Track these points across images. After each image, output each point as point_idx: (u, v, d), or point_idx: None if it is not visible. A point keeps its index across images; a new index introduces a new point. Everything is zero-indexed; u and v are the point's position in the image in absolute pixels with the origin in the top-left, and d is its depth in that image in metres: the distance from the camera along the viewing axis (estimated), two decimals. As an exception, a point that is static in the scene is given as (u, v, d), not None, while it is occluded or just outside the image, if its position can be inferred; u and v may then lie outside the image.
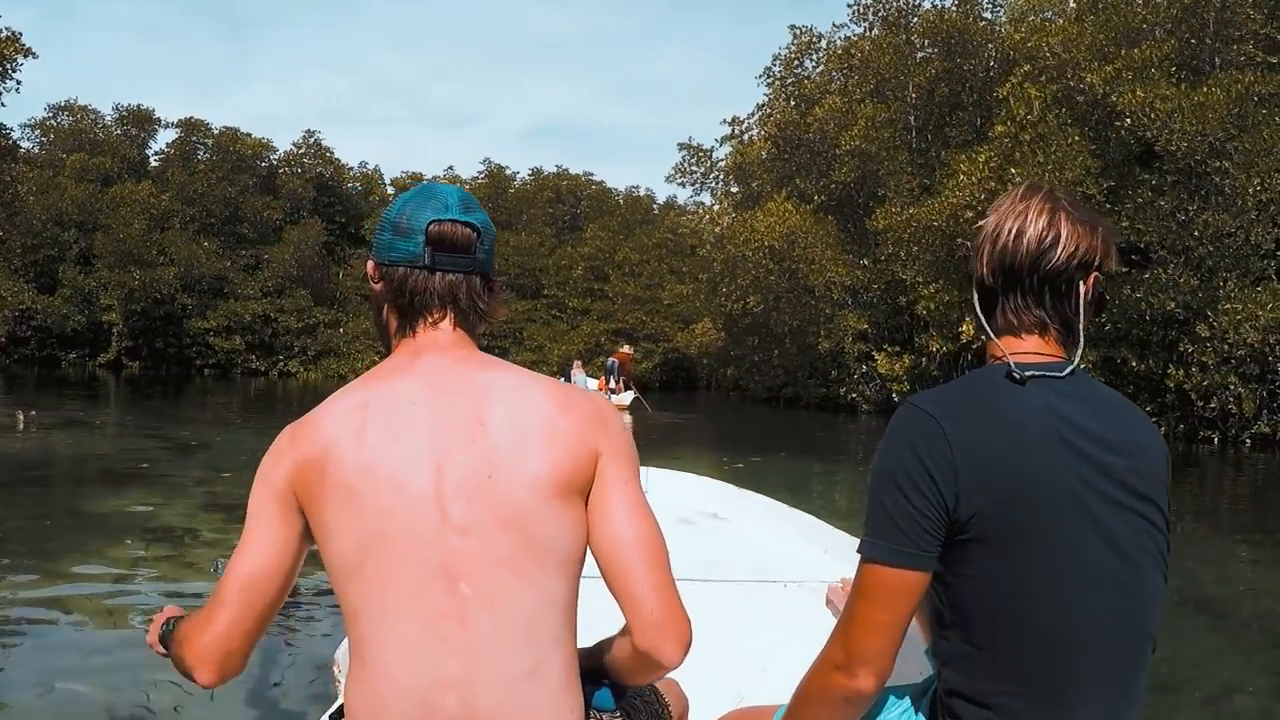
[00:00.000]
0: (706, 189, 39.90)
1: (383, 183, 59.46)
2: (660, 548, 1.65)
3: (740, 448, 17.90)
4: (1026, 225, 1.69)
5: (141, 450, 13.94)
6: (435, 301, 1.70)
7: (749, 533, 4.40)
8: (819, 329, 30.18)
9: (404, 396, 1.64)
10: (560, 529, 1.61)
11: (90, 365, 46.45)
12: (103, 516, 8.81)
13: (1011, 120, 24.21)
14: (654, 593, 1.61)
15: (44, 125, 52.21)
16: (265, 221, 49.17)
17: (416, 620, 1.56)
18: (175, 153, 51.08)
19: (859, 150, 29.11)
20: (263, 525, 1.64)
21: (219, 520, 8.80)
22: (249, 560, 1.63)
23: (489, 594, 1.56)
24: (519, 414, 1.63)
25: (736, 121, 36.76)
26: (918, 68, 30.18)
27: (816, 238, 29.12)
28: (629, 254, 52.00)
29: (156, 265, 44.08)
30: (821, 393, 32.48)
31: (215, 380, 41.68)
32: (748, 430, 24.90)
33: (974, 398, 1.65)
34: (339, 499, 1.58)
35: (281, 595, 1.66)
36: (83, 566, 6.90)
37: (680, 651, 1.62)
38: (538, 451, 1.60)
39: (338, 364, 46.66)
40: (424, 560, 1.56)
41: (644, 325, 49.85)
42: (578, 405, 1.68)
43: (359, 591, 1.58)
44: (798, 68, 35.52)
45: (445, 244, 1.70)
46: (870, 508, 1.65)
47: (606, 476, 1.65)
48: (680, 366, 48.49)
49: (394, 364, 1.72)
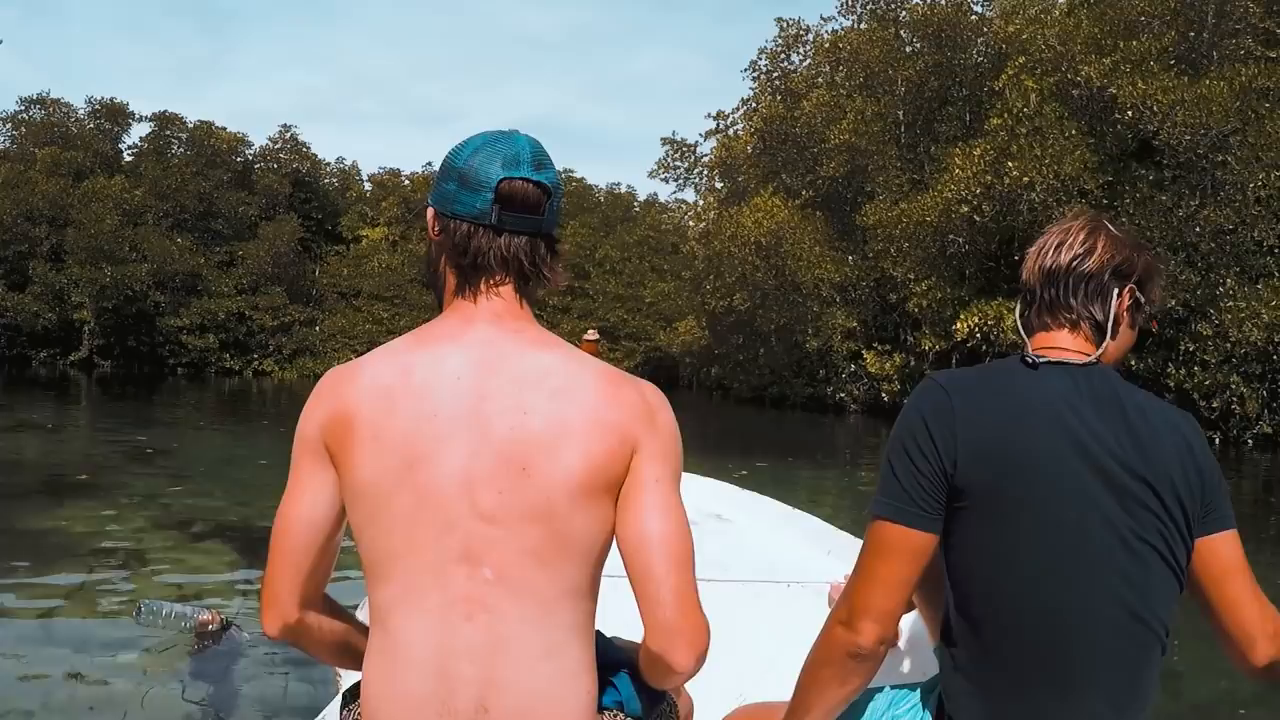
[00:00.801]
0: (690, 185, 39.10)
1: (360, 179, 58.22)
2: (685, 550, 1.61)
3: (726, 450, 17.18)
4: (1068, 238, 1.84)
5: (94, 457, 13.17)
6: (498, 264, 1.66)
7: (752, 533, 4.43)
8: (806, 327, 29.42)
9: (450, 370, 1.61)
10: (588, 524, 1.59)
11: (61, 364, 45.34)
12: (37, 536, 8.00)
13: (1008, 113, 23.61)
14: (671, 595, 1.58)
15: (15, 119, 51.02)
16: (240, 217, 47.99)
17: (438, 597, 1.58)
18: (149, 147, 49.88)
19: (848, 145, 28.45)
20: (298, 473, 1.66)
21: (164, 542, 8.01)
22: (285, 508, 1.67)
23: (511, 579, 1.57)
24: (563, 404, 1.59)
25: (721, 116, 36.06)
26: (907, 61, 29.60)
27: (804, 234, 28.42)
28: (610, 251, 51.13)
29: (128, 262, 42.89)
30: (808, 392, 31.80)
31: (188, 380, 40.68)
32: (733, 431, 24.41)
33: (988, 378, 1.76)
34: (368, 465, 1.58)
35: (322, 543, 1.66)
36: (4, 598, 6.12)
37: (691, 658, 1.60)
38: (576, 448, 1.57)
39: (313, 363, 45.62)
40: (448, 544, 1.57)
41: (625, 324, 49.07)
42: (625, 399, 1.63)
43: (383, 561, 1.60)
44: (784, 61, 34.80)
45: (515, 203, 1.64)
46: (883, 470, 1.72)
47: (640, 473, 1.61)
48: (661, 365, 47.64)
49: (446, 329, 1.67)
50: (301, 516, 1.64)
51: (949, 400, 1.68)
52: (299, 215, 50.38)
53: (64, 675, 4.71)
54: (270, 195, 49.82)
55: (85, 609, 6.09)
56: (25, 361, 44.67)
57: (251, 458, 13.99)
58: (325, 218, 53.62)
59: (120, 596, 6.28)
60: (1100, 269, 1.78)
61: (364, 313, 47.42)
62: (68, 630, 5.56)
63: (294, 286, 47.52)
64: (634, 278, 50.26)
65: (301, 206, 51.98)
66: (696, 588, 1.61)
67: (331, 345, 46.28)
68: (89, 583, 6.60)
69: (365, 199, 56.14)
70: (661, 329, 46.77)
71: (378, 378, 1.61)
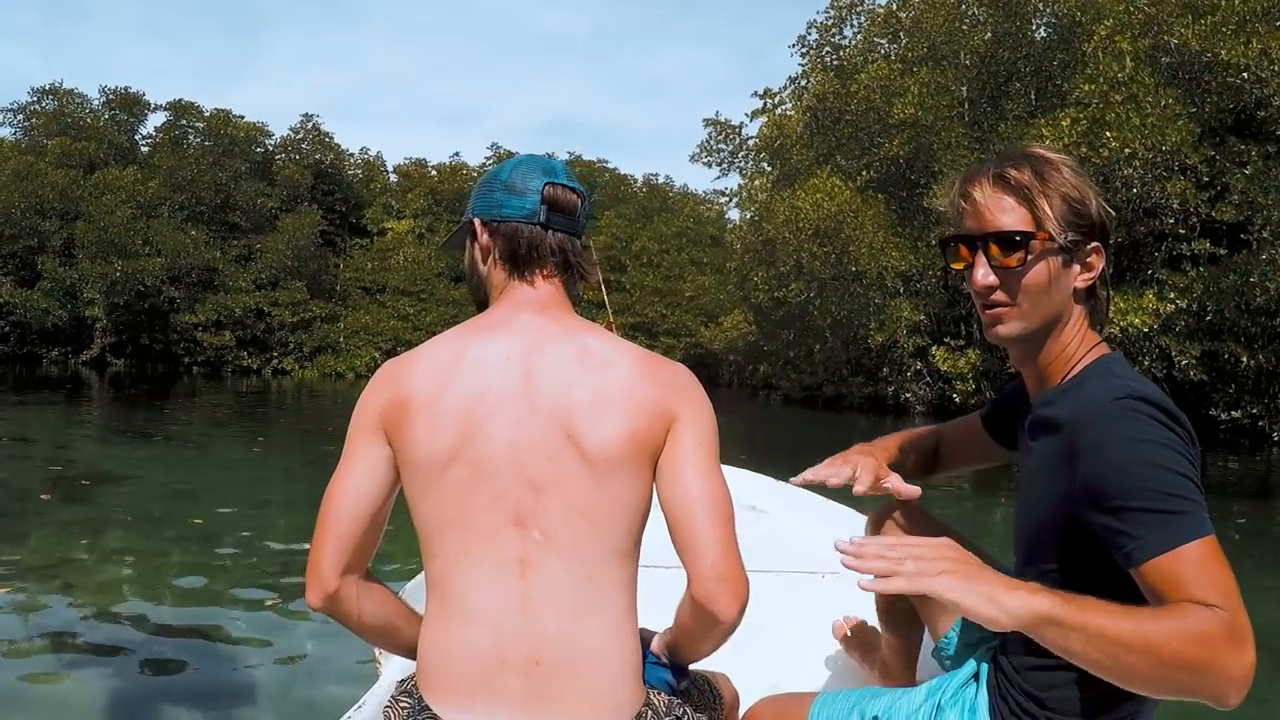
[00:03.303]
0: (735, 168, 36.28)
1: (385, 170, 56.09)
2: (727, 506, 1.70)
3: (774, 455, 14.64)
4: (1078, 169, 1.76)
5: (45, 478, 10.82)
6: (549, 255, 1.82)
7: (786, 524, 4.36)
8: (869, 320, 26.74)
9: (499, 351, 1.73)
10: (628, 489, 1.69)
11: (73, 363, 43.31)
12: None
13: (1101, 79, 21.00)
14: (717, 546, 1.66)
15: (26, 110, 49.25)
16: (259, 210, 45.95)
17: (491, 558, 1.68)
18: (164, 137, 47.96)
19: (913, 120, 25.91)
20: (351, 449, 1.77)
21: (73, 605, 5.69)
22: (335, 481, 1.77)
23: (557, 540, 1.67)
24: (605, 378, 1.70)
25: (769, 94, 33.24)
26: (973, 30, 27.06)
27: (867, 218, 25.75)
28: (647, 243, 49.07)
29: (141, 255, 40.87)
30: (867, 392, 29.20)
31: (204, 379, 38.52)
32: (782, 434, 22.32)
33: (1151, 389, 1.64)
34: (424, 440, 1.69)
35: (367, 516, 1.75)
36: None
37: (736, 606, 1.67)
38: (616, 417, 1.67)
39: (335, 361, 43.50)
40: (500, 510, 1.67)
41: (664, 319, 46.86)
42: (660, 374, 1.75)
43: (437, 530, 1.72)
44: (835, 35, 32.19)
45: (558, 205, 1.83)
46: (1181, 487, 1.52)
47: (679, 438, 1.71)
48: (702, 363, 45.28)
49: (494, 318, 1.80)
50: (349, 489, 1.75)
51: (1180, 415, 1.58)
52: (321, 208, 48.52)
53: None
54: (291, 187, 47.94)
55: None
56: (36, 360, 42.77)
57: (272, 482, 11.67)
58: (349, 210, 51.67)
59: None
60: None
61: (389, 308, 45.17)
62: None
63: (315, 281, 45.44)
64: (672, 271, 48.46)
65: (324, 199, 50.10)
66: (737, 543, 1.69)
67: (355, 343, 44.14)
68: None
69: (390, 190, 54.00)
70: (703, 325, 44.58)
71: (434, 361, 1.74)
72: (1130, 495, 1.51)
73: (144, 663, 4.83)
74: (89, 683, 4.53)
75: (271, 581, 6.52)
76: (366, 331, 44.19)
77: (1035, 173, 1.72)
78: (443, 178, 52.16)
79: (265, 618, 5.71)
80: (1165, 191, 20.91)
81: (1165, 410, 1.56)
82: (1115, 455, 1.53)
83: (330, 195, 50.73)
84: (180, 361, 43.76)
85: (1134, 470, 1.52)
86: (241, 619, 5.63)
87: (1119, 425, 1.55)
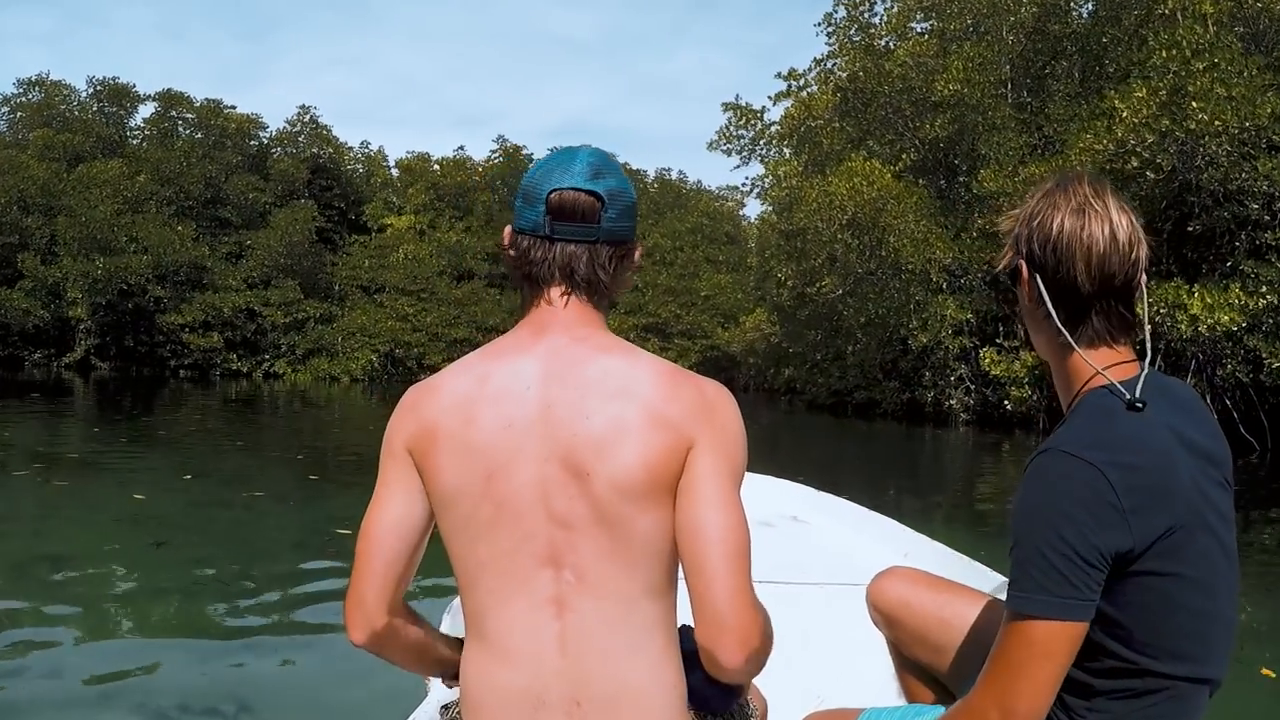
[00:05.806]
0: (756, 156, 33.86)
1: (386, 164, 53.76)
2: (740, 544, 1.58)
3: (801, 467, 12.15)
4: (1116, 226, 1.66)
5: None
6: (553, 273, 1.68)
7: (829, 536, 4.36)
8: (910, 319, 24.14)
9: (521, 380, 1.64)
10: (653, 524, 1.59)
11: (56, 367, 41.03)
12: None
13: (1183, 44, 18.56)
14: (722, 591, 1.55)
15: (11, 102, 47.19)
16: (251, 204, 43.72)
17: (526, 601, 1.61)
18: (152, 129, 45.80)
19: (957, 98, 23.48)
20: (385, 480, 1.69)
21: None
22: (371, 514, 1.68)
23: (590, 580, 1.59)
24: (622, 405, 1.60)
25: (794, 75, 30.76)
26: (1018, 4, 24.68)
27: (908, 206, 23.22)
28: (660, 240, 46.74)
29: (125, 252, 38.56)
30: (904, 398, 26.67)
31: (192, 383, 36.23)
32: (809, 443, 20.43)
33: (1114, 433, 1.58)
34: (451, 476, 1.62)
35: (407, 549, 1.67)
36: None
37: (740, 655, 1.55)
38: (632, 448, 1.58)
39: (329, 364, 41.12)
40: (531, 550, 1.60)
41: (678, 320, 44.51)
42: (683, 395, 1.62)
43: (472, 569, 1.64)
44: (865, 10, 29.73)
45: (565, 213, 1.67)
46: (1028, 558, 1.55)
47: (696, 466, 1.59)
48: (719, 366, 42.88)
49: (517, 340, 1.71)
50: (387, 521, 1.67)
51: (1100, 473, 1.53)
52: (319, 204, 46.38)
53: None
54: (286, 181, 45.85)
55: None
56: (18, 363, 40.45)
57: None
58: (348, 206, 49.47)
59: None
60: (1146, 257, 1.68)
61: (387, 308, 42.72)
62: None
63: (309, 280, 43.12)
64: (687, 269, 46.24)
65: (322, 194, 47.98)
66: (751, 584, 1.58)
67: (351, 344, 41.78)
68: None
69: (392, 185, 51.69)
70: (720, 325, 42.33)
71: (456, 390, 1.65)
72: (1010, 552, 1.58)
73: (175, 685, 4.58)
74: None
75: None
76: (364, 333, 41.84)
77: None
78: (445, 172, 49.84)
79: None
80: (1256, 171, 18.47)
81: (1066, 470, 1.54)
82: (1014, 511, 1.59)
83: (328, 190, 48.56)
84: (166, 364, 41.49)
85: (1013, 530, 1.58)
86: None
87: (1023, 483, 1.60)
